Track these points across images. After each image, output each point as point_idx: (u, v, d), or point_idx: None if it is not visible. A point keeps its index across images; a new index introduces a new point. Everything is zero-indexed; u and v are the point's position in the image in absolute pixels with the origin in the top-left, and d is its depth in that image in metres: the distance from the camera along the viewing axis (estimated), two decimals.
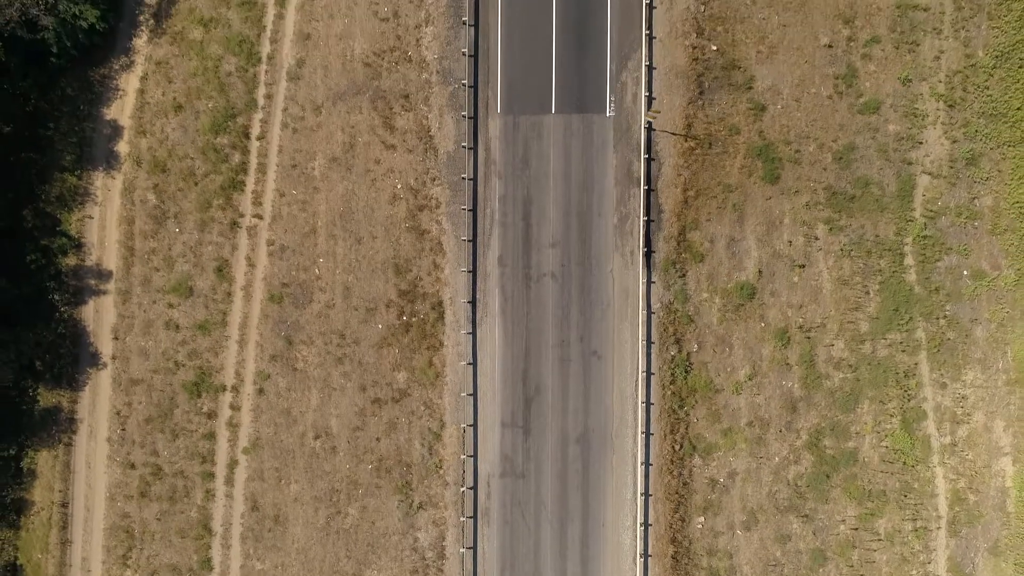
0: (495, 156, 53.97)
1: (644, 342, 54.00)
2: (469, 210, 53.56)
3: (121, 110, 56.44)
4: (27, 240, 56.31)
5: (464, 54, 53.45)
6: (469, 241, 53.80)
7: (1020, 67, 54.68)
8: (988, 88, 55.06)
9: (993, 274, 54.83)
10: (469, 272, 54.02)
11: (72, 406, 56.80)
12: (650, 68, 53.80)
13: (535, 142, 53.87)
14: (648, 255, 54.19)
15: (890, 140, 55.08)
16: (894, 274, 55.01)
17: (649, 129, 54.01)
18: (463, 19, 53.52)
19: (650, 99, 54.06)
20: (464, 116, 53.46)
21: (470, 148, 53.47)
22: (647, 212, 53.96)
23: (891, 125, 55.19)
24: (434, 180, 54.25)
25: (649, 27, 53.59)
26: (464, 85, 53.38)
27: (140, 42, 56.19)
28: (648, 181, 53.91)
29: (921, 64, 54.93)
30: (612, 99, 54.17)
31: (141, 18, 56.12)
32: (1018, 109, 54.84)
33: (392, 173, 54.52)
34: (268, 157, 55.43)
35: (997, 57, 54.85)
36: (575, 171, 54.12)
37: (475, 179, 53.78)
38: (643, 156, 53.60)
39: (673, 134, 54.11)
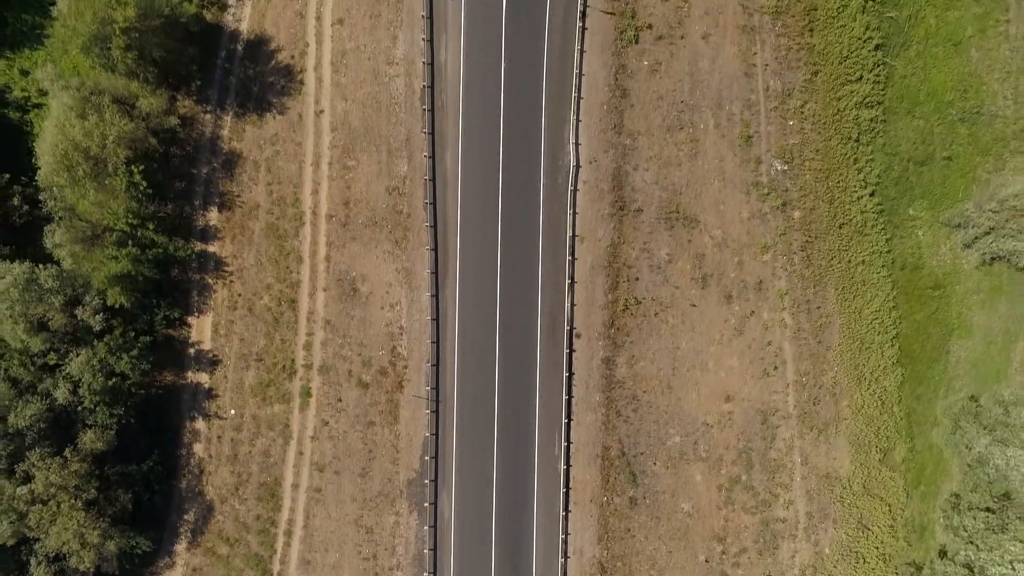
0: None
1: None
2: None
3: None
4: None
5: (427, 550, 72.21)
6: None
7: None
8: None
9: None
10: None
11: None
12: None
13: None
14: None
15: None
16: None
17: None
18: (425, 549, 71.85)
19: None
20: None
21: None
22: None
23: None
24: None
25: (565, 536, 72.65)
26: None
27: (180, 548, 74.51)
28: None
29: (780, 563, 74.04)
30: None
31: (181, 531, 74.27)
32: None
33: None
34: None
35: (841, 553, 73.93)
36: None
37: None
38: None
39: None
